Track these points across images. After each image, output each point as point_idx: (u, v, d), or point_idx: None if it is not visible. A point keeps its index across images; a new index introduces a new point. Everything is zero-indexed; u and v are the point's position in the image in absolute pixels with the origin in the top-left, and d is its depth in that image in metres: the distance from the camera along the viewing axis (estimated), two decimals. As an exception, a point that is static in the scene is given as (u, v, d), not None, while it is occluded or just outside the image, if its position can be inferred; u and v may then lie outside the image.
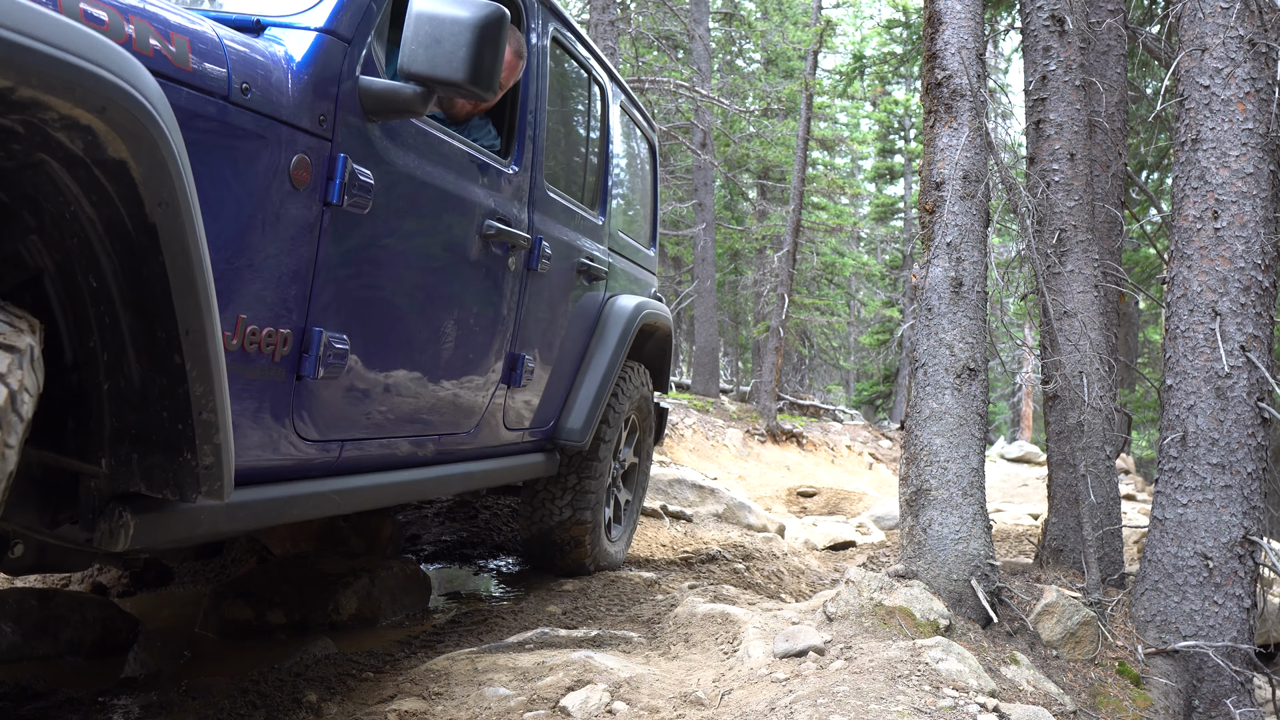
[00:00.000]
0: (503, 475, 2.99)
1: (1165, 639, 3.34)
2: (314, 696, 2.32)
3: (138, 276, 1.29)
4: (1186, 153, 3.51)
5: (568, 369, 3.35)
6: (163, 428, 1.39)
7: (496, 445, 2.90)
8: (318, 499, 2.00)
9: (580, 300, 3.36)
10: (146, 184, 1.21)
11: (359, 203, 1.91)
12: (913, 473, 3.18)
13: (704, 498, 6.06)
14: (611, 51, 10.30)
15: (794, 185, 15.35)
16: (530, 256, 2.82)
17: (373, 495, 2.23)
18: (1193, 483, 3.38)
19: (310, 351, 1.85)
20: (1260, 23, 3.41)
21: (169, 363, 1.34)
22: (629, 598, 3.53)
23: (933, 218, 3.28)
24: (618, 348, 3.53)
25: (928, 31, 3.42)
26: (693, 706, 2.23)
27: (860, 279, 23.89)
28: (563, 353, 3.28)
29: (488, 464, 2.85)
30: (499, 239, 2.53)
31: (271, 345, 1.76)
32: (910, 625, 2.74)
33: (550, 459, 3.35)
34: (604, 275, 3.51)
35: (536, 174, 2.89)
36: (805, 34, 17.58)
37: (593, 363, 3.46)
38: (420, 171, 2.17)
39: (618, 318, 3.60)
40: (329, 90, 1.85)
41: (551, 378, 3.20)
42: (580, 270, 3.30)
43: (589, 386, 3.41)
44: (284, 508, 1.88)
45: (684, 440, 11.10)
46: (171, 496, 1.43)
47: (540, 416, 3.19)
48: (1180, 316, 3.48)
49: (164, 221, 1.25)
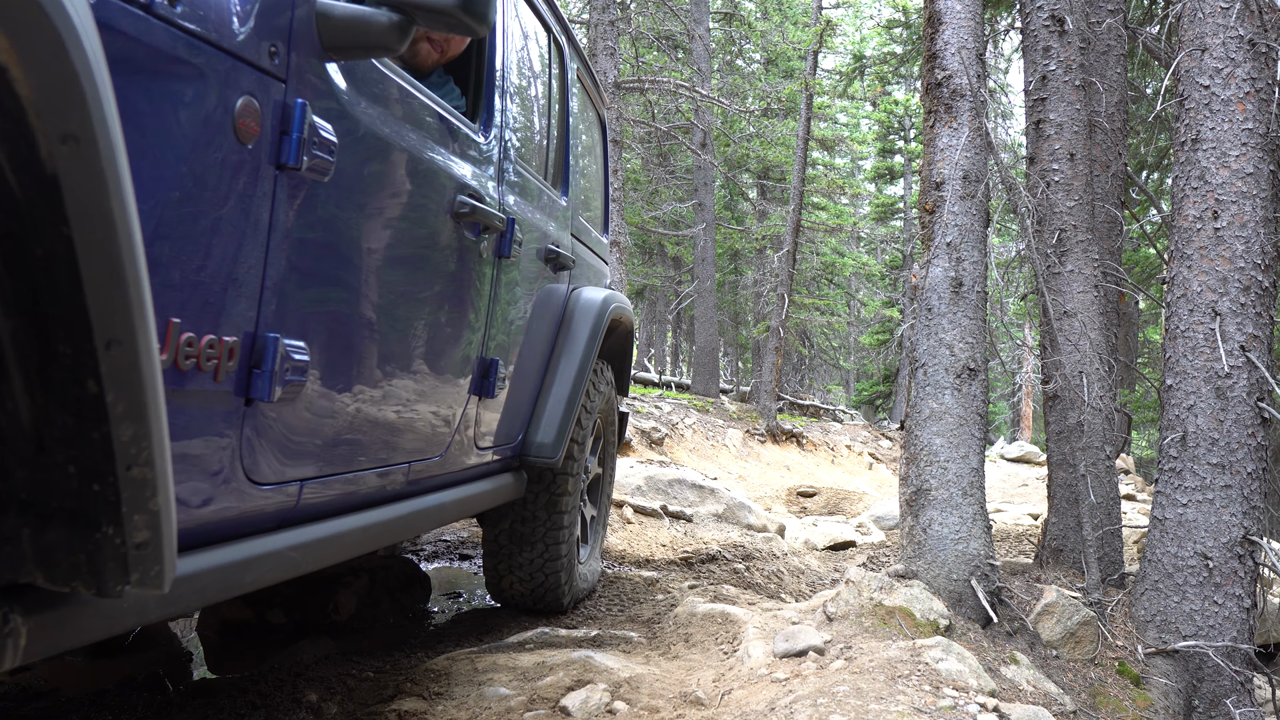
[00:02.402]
0: (475, 503, 2.54)
1: (1165, 639, 3.34)
2: (314, 696, 2.31)
3: (26, 258, 0.85)
4: (1186, 153, 3.51)
5: (534, 373, 2.90)
6: (69, 490, 0.95)
7: (467, 468, 2.46)
8: (275, 560, 1.55)
9: (547, 293, 2.92)
10: (41, 106, 0.78)
11: (320, 166, 1.48)
12: (913, 473, 3.18)
13: (704, 498, 6.06)
14: (611, 51, 10.30)
15: (794, 185, 15.35)
16: (502, 242, 2.38)
17: (338, 546, 1.79)
18: (1193, 483, 3.38)
19: (264, 366, 1.42)
20: (1260, 23, 3.41)
21: (78, 392, 0.90)
22: (629, 598, 3.53)
23: (933, 218, 3.28)
24: (588, 346, 3.07)
25: (928, 31, 3.42)
26: (693, 706, 2.23)
27: (860, 279, 23.89)
28: (529, 354, 2.83)
29: (459, 492, 2.42)
30: (472, 219, 2.12)
31: (214, 360, 1.31)
32: (910, 625, 2.74)
33: (518, 480, 2.85)
34: (571, 264, 3.07)
35: (507, 144, 2.48)
36: (805, 34, 17.58)
37: (562, 364, 3.00)
38: (389, 131, 1.74)
39: (586, 312, 3.13)
40: (281, 11, 1.40)
41: (519, 384, 2.75)
42: (548, 259, 2.87)
43: (559, 392, 2.94)
44: (233, 577, 1.44)
45: (684, 440, 11.10)
46: (86, 590, 0.98)
47: (507, 430, 2.71)
48: (1180, 316, 3.49)
49: (71, 168, 0.81)
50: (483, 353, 2.38)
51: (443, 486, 2.34)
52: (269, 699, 2.30)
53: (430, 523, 2.24)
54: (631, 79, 13.17)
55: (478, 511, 2.68)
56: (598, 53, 10.29)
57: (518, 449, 2.83)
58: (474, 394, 2.36)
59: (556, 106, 3.12)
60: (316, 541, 1.69)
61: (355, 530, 1.85)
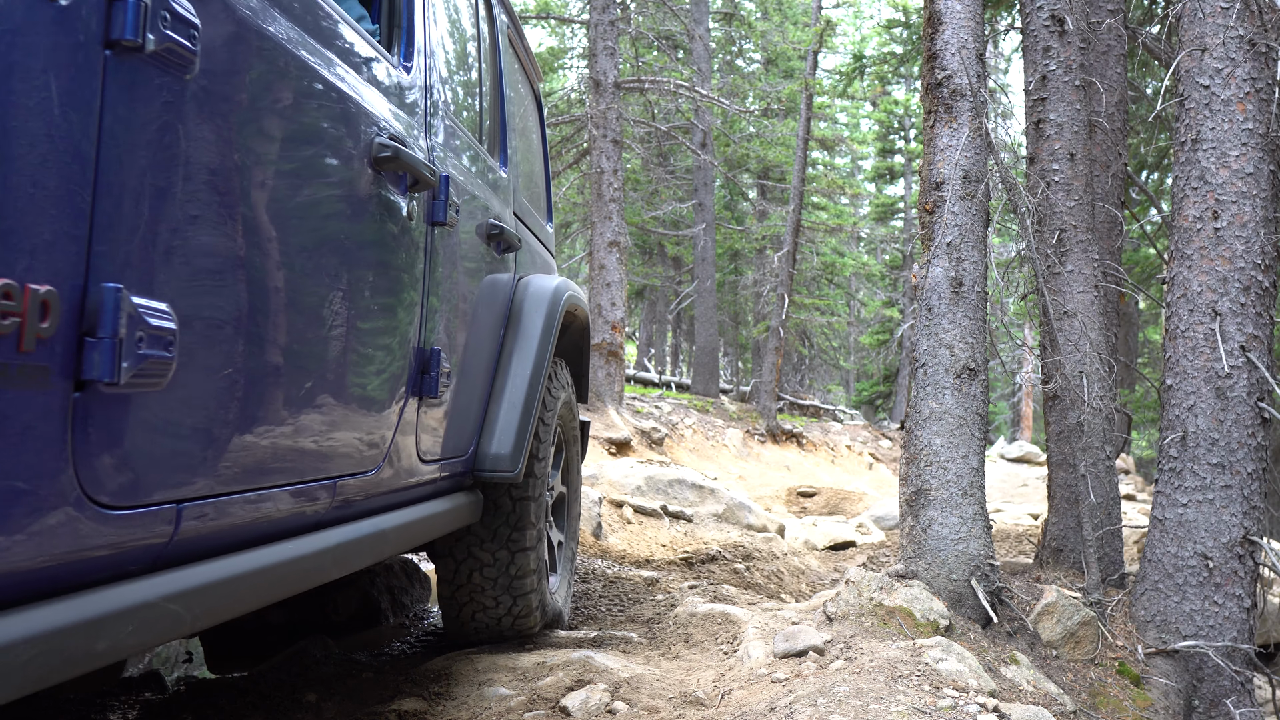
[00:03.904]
0: (425, 529, 2.09)
1: (1165, 639, 3.34)
2: (314, 696, 2.31)
3: None
4: (1186, 153, 3.51)
5: (482, 372, 2.47)
6: None
7: (411, 486, 2.01)
8: (145, 617, 1.10)
9: (491, 279, 2.52)
10: None
11: (176, 55, 1.09)
12: (913, 473, 3.18)
13: (704, 498, 6.06)
14: (611, 51, 10.30)
15: (794, 185, 15.36)
16: (436, 204, 1.99)
17: (240, 594, 1.31)
18: (1193, 483, 3.38)
19: (101, 331, 0.99)
20: (1260, 23, 3.41)
21: None
22: (629, 598, 3.53)
23: (933, 218, 3.29)
24: (543, 341, 2.67)
25: (928, 31, 3.42)
26: (693, 706, 2.23)
27: (860, 279, 23.90)
28: (476, 350, 2.40)
29: (403, 516, 1.96)
30: (395, 167, 1.71)
31: (17, 319, 0.88)
32: (910, 625, 2.74)
33: (473, 500, 2.43)
34: (517, 245, 2.69)
35: (433, 88, 2.07)
36: (805, 34, 17.59)
37: (514, 363, 2.59)
38: (280, 32, 1.35)
39: (537, 302, 2.73)
40: None
41: (465, 385, 2.32)
42: (491, 236, 2.47)
43: (513, 395, 2.52)
44: (70, 647, 0.98)
45: (684, 440, 11.10)
46: None
47: (455, 441, 2.27)
48: (1180, 316, 3.49)
49: None
50: (421, 341, 1.95)
51: (382, 509, 1.89)
52: (269, 699, 2.30)
53: (368, 555, 1.79)
54: (631, 79, 13.17)
55: (429, 539, 2.20)
56: (598, 53, 10.28)
57: (469, 463, 2.40)
58: (413, 393, 1.93)
59: (487, 62, 2.71)
60: (207, 588, 1.23)
61: (266, 570, 1.37)
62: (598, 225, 10.55)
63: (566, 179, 15.42)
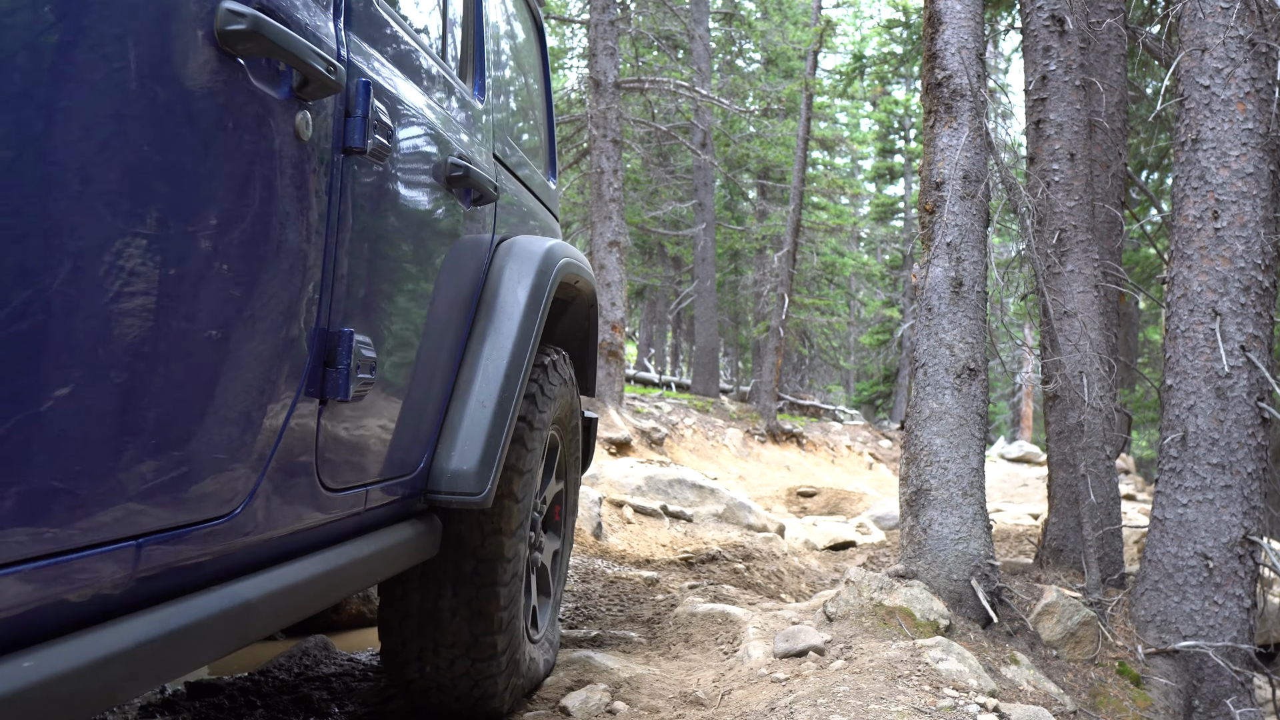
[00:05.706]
0: (332, 586, 1.47)
1: (1165, 639, 3.34)
2: (314, 696, 2.31)
3: None
4: (1186, 153, 3.51)
5: (442, 360, 1.89)
6: None
7: (305, 527, 1.40)
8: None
9: (454, 235, 1.90)
10: None
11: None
12: (913, 473, 3.18)
13: (704, 498, 6.06)
14: (611, 51, 10.30)
15: (794, 185, 15.36)
16: (349, 122, 1.38)
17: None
18: (1193, 483, 3.38)
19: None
20: (1260, 23, 3.41)
21: None
22: (629, 598, 3.53)
23: (933, 218, 3.29)
24: (527, 318, 2.07)
25: (928, 31, 3.42)
26: (693, 706, 2.23)
27: (860, 279, 23.89)
28: (431, 330, 1.82)
29: (288, 571, 1.33)
30: (260, 53, 1.11)
31: None
32: (910, 625, 2.74)
33: (424, 531, 1.85)
34: (491, 196, 2.03)
35: None
36: (805, 34, 17.59)
37: (486, 347, 2.00)
38: None
39: (521, 268, 2.12)
40: None
41: (412, 380, 1.73)
42: (454, 180, 1.84)
43: (483, 390, 1.94)
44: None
45: (684, 440, 11.10)
46: None
47: (397, 454, 1.70)
48: (1180, 316, 3.49)
49: None
50: (321, 319, 1.36)
51: (252, 568, 1.27)
52: (269, 699, 2.30)
53: (230, 641, 1.18)
54: (631, 79, 13.17)
55: (340, 597, 1.55)
56: (598, 53, 10.28)
57: (419, 482, 1.83)
58: (309, 393, 1.35)
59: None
60: None
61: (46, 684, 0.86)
62: (598, 225, 10.55)
63: (566, 179, 15.43)
